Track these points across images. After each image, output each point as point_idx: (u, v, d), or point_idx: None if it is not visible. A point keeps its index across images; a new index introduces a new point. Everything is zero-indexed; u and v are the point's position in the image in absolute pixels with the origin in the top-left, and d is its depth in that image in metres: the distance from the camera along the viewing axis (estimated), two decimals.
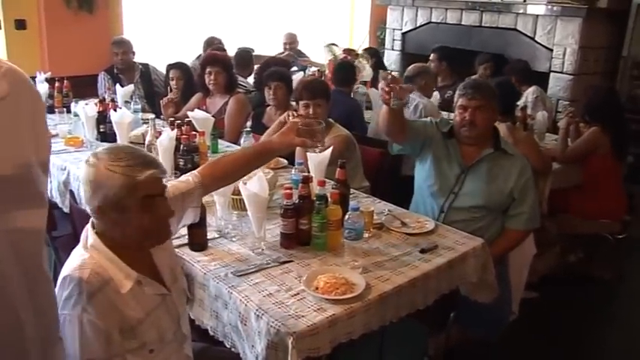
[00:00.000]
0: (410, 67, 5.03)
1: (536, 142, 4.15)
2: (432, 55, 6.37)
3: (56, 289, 1.72)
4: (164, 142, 3.11)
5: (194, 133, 3.36)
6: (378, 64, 6.54)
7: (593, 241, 4.33)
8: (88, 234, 1.80)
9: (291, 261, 2.37)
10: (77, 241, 3.13)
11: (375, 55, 6.54)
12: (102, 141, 3.94)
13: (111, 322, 1.70)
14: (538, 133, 4.60)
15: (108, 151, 1.75)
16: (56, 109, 4.65)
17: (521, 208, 3.08)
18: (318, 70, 6.09)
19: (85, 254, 1.75)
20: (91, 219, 1.82)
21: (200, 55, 6.23)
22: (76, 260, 1.75)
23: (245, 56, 5.85)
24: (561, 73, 6.04)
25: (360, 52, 6.39)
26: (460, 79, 6.07)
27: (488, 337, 3.13)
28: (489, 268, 2.65)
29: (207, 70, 4.53)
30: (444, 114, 5.44)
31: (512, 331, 3.30)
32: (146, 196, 1.71)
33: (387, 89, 2.74)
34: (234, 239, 2.54)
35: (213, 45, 6.25)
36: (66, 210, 3.56)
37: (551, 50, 6.17)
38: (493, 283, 2.68)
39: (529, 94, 5.31)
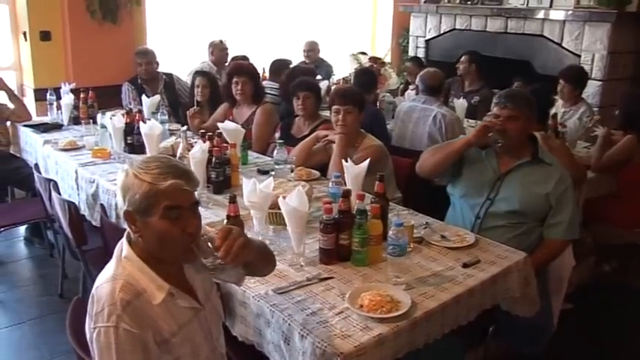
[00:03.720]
0: (428, 76, 4.82)
1: (570, 150, 4.08)
2: (462, 57, 6.32)
3: (88, 305, 1.70)
4: (197, 154, 3.07)
5: (225, 145, 3.33)
6: None
7: (629, 250, 4.24)
8: (123, 246, 1.78)
9: (332, 277, 2.32)
10: (108, 255, 3.11)
11: (422, 65, 6.46)
12: (130, 152, 3.93)
13: (146, 331, 1.66)
14: (570, 141, 4.51)
15: (142, 160, 1.75)
16: (82, 121, 4.65)
17: (560, 217, 3.02)
18: (343, 79, 6.05)
19: (117, 266, 1.73)
20: (127, 231, 1.79)
21: (204, 62, 6.25)
22: (108, 272, 1.73)
23: (281, 64, 5.81)
24: (590, 79, 5.86)
25: (386, 60, 6.33)
26: (487, 84, 6.02)
27: (531, 352, 3.06)
28: (531, 282, 2.59)
29: (234, 80, 4.50)
30: (472, 122, 5.39)
31: (549, 344, 3.22)
32: (168, 205, 1.68)
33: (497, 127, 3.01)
34: None
35: (218, 46, 6.27)
36: (95, 223, 3.54)
37: (579, 56, 6.08)
38: (535, 297, 2.62)
39: (582, 114, 5.07)
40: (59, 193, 3.54)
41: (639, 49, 6.12)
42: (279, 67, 5.70)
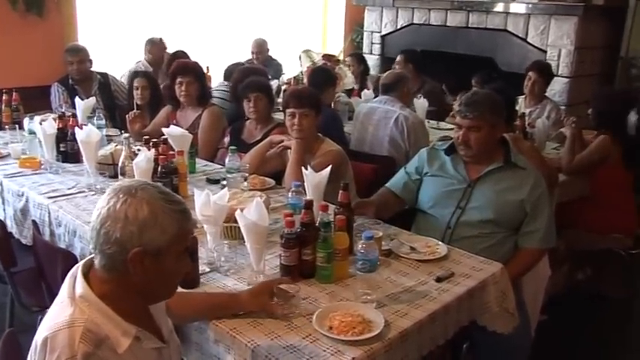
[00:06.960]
0: (387, 74, 4.96)
1: (541, 152, 4.13)
2: (398, 57, 6.34)
3: (32, 352, 1.57)
4: (141, 163, 2.99)
5: (172, 152, 3.26)
6: (365, 72, 6.51)
7: (603, 257, 4.31)
8: (77, 282, 1.61)
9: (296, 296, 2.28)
10: (41, 277, 3.03)
11: (362, 61, 6.48)
12: (63, 161, 3.83)
13: None
14: (538, 142, 4.58)
15: (160, 191, 1.63)
16: (6, 126, 4.48)
17: (536, 224, 3.05)
18: (294, 78, 6.02)
19: (73, 308, 1.56)
20: (81, 263, 1.66)
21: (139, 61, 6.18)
22: (61, 315, 1.55)
23: (234, 68, 5.76)
24: (556, 75, 5.97)
25: (340, 58, 6.34)
26: (425, 82, 6.08)
27: None
28: (509, 295, 2.60)
29: (178, 80, 4.43)
30: (433, 123, 5.44)
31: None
32: (188, 246, 1.69)
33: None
34: (228, 273, 2.43)
35: (157, 45, 6.23)
36: (25, 242, 3.42)
37: (545, 52, 6.20)
38: (514, 311, 2.63)
39: (551, 111, 5.20)
40: None
41: (607, 44, 6.27)
42: (232, 70, 5.66)
